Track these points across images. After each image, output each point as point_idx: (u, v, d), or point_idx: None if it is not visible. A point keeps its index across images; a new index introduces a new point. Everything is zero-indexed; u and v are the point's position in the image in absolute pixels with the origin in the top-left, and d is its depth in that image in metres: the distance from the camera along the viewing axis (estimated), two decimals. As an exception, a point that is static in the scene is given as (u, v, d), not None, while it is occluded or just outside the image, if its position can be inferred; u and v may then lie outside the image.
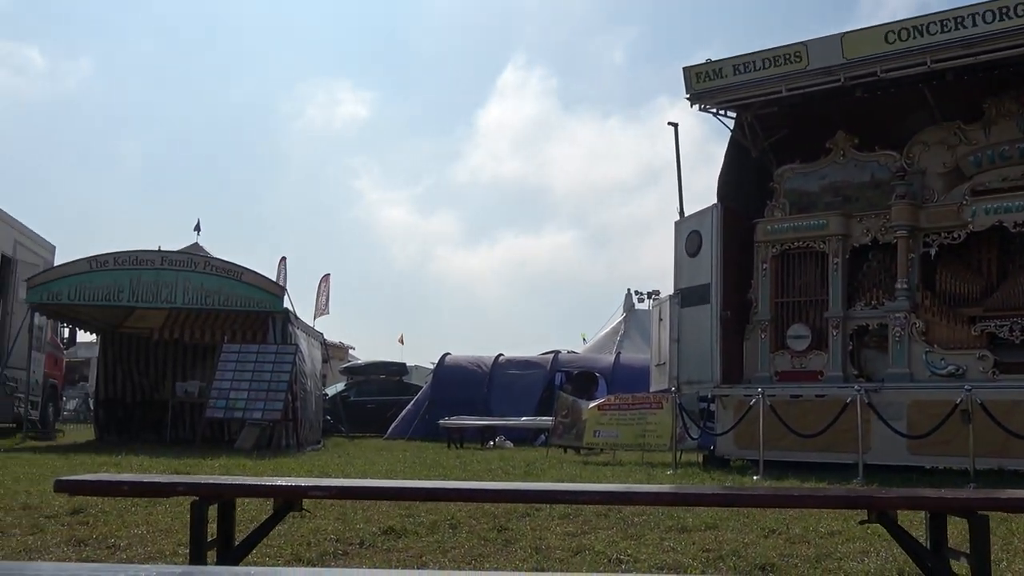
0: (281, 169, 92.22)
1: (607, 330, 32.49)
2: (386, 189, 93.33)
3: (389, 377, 29.06)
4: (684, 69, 14.70)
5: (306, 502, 4.77)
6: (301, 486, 3.82)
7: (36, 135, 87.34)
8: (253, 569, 1.60)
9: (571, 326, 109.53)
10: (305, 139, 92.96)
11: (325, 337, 24.15)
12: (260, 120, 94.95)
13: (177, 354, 21.85)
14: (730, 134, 15.51)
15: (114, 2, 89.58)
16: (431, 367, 27.11)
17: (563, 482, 9.97)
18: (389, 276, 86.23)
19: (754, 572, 5.51)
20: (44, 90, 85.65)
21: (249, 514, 6.45)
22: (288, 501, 3.82)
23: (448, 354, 25.31)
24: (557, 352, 25.95)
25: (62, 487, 3.84)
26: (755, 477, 12.21)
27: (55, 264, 20.18)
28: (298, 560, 5.65)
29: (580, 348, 31.45)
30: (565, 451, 17.04)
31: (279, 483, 3.88)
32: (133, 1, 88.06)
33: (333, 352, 29.64)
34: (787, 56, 13.83)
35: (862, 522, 4.79)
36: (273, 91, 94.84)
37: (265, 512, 6.87)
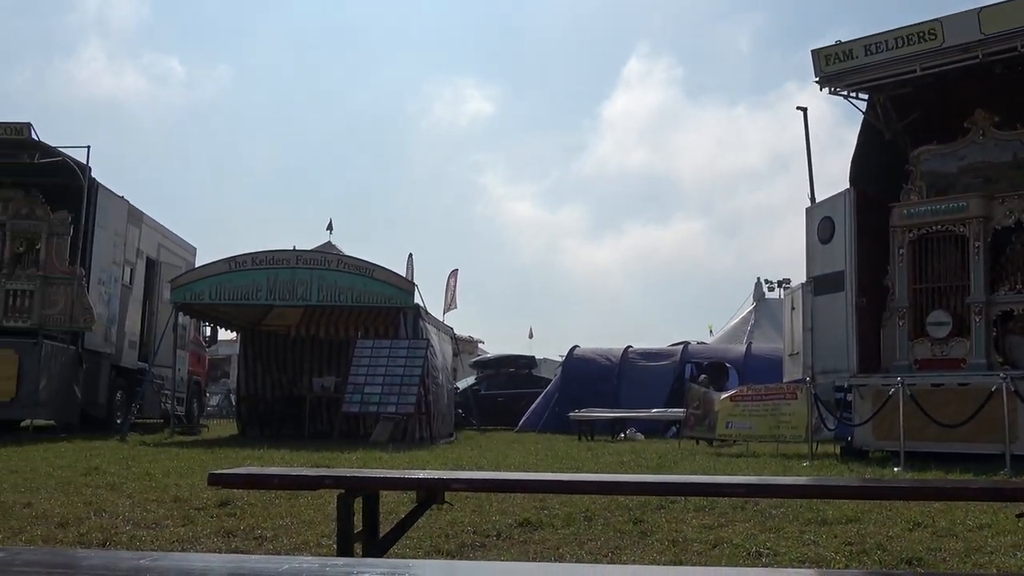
0: (408, 167, 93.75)
1: (736, 320, 32.02)
2: (512, 184, 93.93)
3: (518, 370, 29.23)
4: (813, 52, 14.35)
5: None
6: (444, 479, 3.87)
7: (177, 142, 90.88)
8: (413, 562, 1.63)
9: (699, 317, 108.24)
10: (431, 137, 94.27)
11: (455, 331, 24.44)
12: (388, 120, 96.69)
13: (313, 350, 22.41)
14: (862, 117, 15.08)
15: (249, 11, 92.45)
16: (560, 360, 27.18)
17: (697, 474, 9.86)
18: (516, 270, 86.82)
19: (900, 566, 5.36)
20: (184, 98, 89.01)
21: (386, 506, 6.58)
22: (431, 494, 3.88)
23: (576, 347, 25.31)
24: (686, 343, 25.69)
25: (215, 480, 3.99)
26: (895, 469, 11.86)
27: (196, 265, 20.93)
28: (437, 552, 5.73)
29: (708, 339, 31.08)
30: (697, 443, 16.87)
31: (422, 476, 3.95)
32: (267, 9, 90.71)
33: (463, 346, 29.99)
34: (921, 34, 13.37)
35: (1020, 515, 4.60)
36: (400, 91, 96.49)
37: (401, 504, 7.02)
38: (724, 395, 16.32)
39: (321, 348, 22.44)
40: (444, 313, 29.43)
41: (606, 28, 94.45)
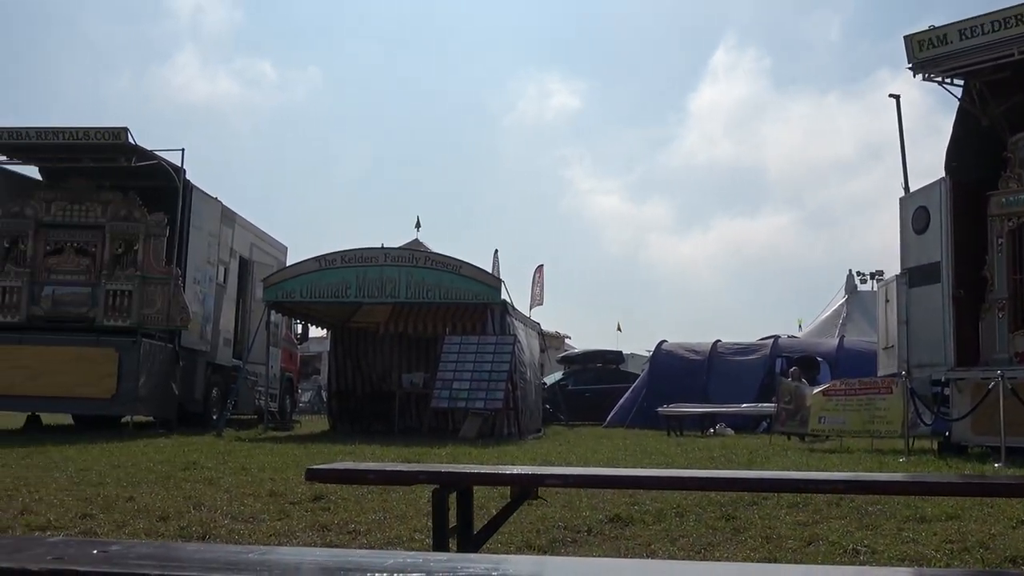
0: (494, 163, 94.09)
1: (828, 313, 31.48)
2: (598, 178, 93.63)
3: (606, 365, 29.16)
4: (905, 38, 14.02)
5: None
6: (537, 474, 3.89)
7: (269, 143, 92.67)
8: (519, 557, 1.64)
9: (788, 311, 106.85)
10: (517, 133, 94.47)
11: (542, 327, 24.47)
12: (473, 117, 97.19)
13: (402, 347, 22.64)
14: (957, 103, 14.68)
15: (339, 12, 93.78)
16: (648, 355, 27.03)
17: (790, 470, 9.73)
18: (602, 265, 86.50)
19: (1003, 565, 5.22)
20: (276, 100, 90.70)
21: (476, 501, 6.62)
22: (524, 489, 3.90)
23: (664, 341, 25.16)
24: (777, 337, 25.33)
25: (313, 475, 4.06)
26: (996, 465, 11.55)
27: (288, 264, 21.29)
28: (529, 547, 5.75)
29: (797, 333, 30.60)
30: (789, 438, 16.64)
31: (516, 472, 3.97)
32: (356, 10, 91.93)
33: (550, 341, 29.99)
34: (1019, 17, 12.96)
35: None
36: (485, 87, 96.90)
37: (491, 499, 7.06)
38: (816, 390, 16.06)
39: (409, 345, 22.65)
40: (531, 309, 29.49)
41: (692, 20, 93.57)
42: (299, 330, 24.82)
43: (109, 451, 12.21)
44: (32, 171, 19.15)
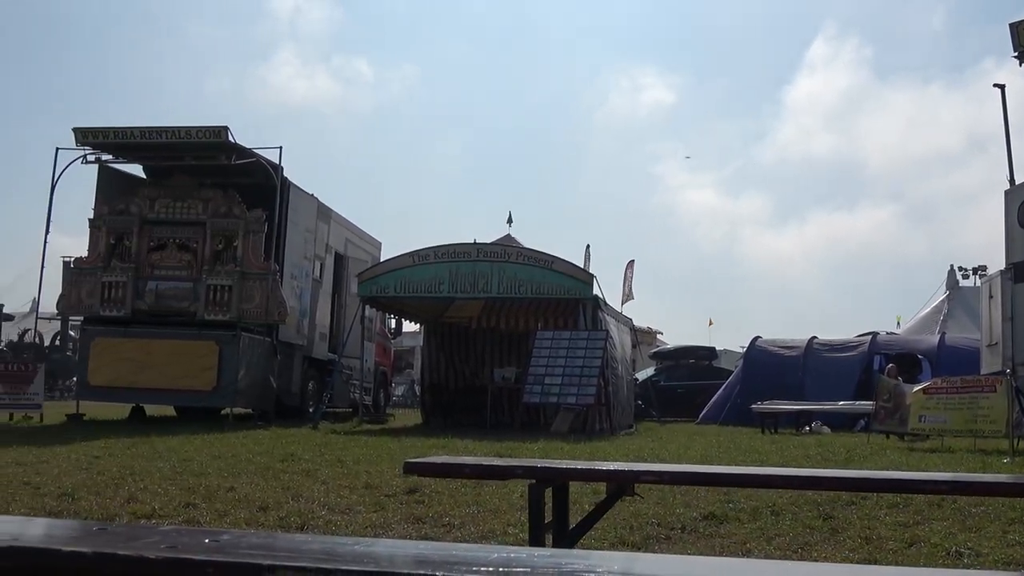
0: (585, 159, 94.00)
1: (928, 310, 30.71)
2: (691, 173, 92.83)
3: (699, 361, 28.89)
4: (1011, 26, 13.61)
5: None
6: (634, 471, 3.88)
7: (364, 140, 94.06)
8: (616, 553, 1.64)
9: (886, 307, 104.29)
10: (608, 128, 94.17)
11: (634, 322, 24.35)
12: (565, 112, 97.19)
13: (494, 341, 22.74)
14: (1067, 93, 14.19)
15: (433, 11, 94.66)
16: (741, 351, 26.70)
17: (890, 470, 9.52)
18: (695, 260, 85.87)
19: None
20: (371, 98, 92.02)
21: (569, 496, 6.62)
22: (620, 485, 3.89)
23: (759, 337, 24.82)
24: (875, 334, 24.80)
25: (411, 468, 4.11)
26: (1108, 467, 11.14)
27: (381, 259, 21.55)
28: (622, 543, 5.74)
29: (896, 330, 29.91)
30: (887, 437, 16.27)
31: (612, 468, 3.97)
32: (450, 8, 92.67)
33: (642, 337, 29.81)
34: None
35: None
36: (578, 82, 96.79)
37: (584, 495, 7.05)
38: (916, 388, 15.67)
39: (501, 339, 22.74)
40: (622, 304, 29.36)
41: (790, 10, 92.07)
42: (393, 325, 25.11)
43: (210, 442, 12.51)
44: (137, 169, 19.70)
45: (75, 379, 23.51)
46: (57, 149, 18.31)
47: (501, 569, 1.41)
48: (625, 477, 3.84)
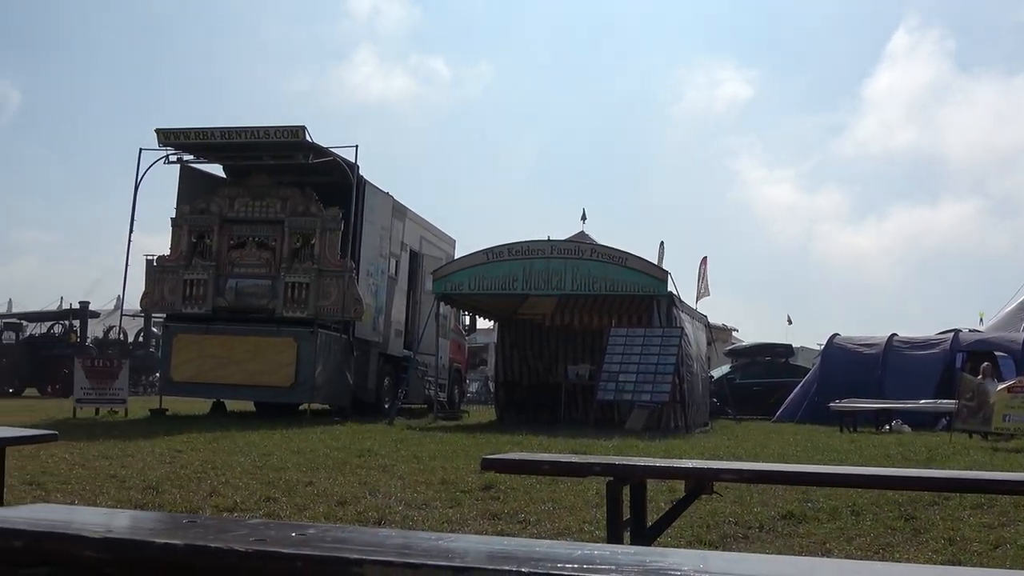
0: (660, 155, 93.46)
1: (1012, 306, 29.89)
2: (768, 168, 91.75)
3: (775, 359, 28.54)
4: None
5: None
6: (712, 469, 3.85)
7: (440, 139, 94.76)
8: (701, 552, 1.64)
9: (969, 303, 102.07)
10: (684, 123, 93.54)
11: (708, 319, 24.14)
12: (640, 108, 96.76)
13: (568, 338, 22.71)
14: None
15: (510, 9, 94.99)
16: (819, 348, 26.30)
17: (974, 470, 9.31)
18: (772, 256, 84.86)
19: None
20: (448, 97, 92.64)
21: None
22: (699, 484, 3.87)
23: (836, 335, 24.44)
24: (957, 331, 24.24)
25: (488, 465, 4.13)
26: None
27: (456, 257, 21.65)
28: (700, 542, 5.71)
29: (979, 327, 29.19)
30: (970, 436, 15.91)
31: (690, 465, 3.95)
32: (527, 6, 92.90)
33: (717, 334, 29.52)
34: None
35: None
36: (653, 78, 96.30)
37: (660, 492, 7.02)
38: (1001, 386, 15.29)
39: (575, 336, 22.70)
40: (696, 301, 29.12)
41: (870, 2, 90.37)
42: (467, 322, 25.22)
43: (289, 437, 12.70)
44: (217, 169, 20.05)
45: (158, 375, 24.08)
46: (141, 150, 18.71)
47: (585, 566, 1.42)
48: (704, 475, 3.82)
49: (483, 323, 26.11)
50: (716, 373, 26.33)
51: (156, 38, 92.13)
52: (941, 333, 24.27)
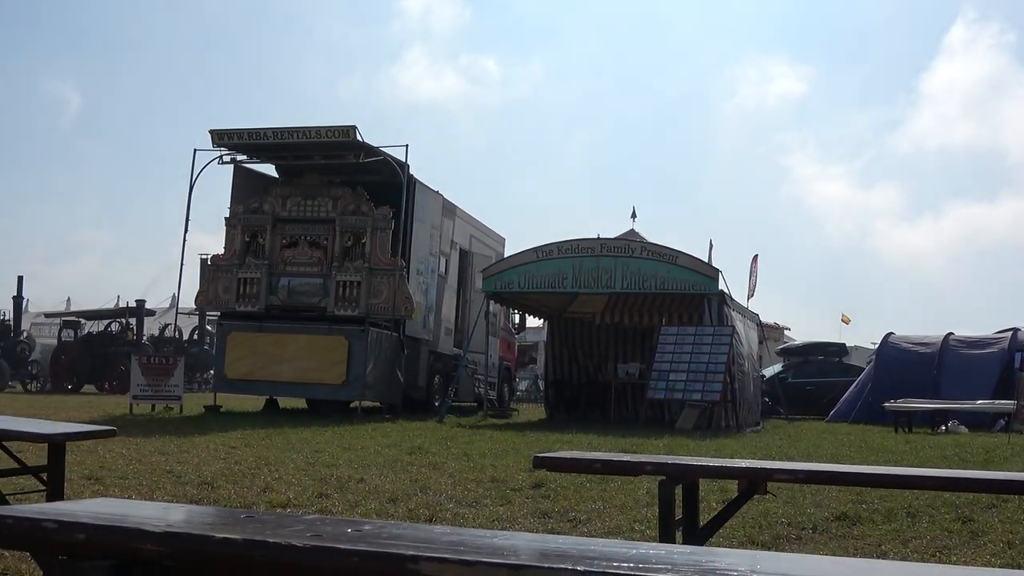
0: (711, 152, 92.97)
1: (1074, 305, 29.34)
2: (821, 164, 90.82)
3: (828, 358, 28.24)
4: None
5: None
6: (766, 468, 3.82)
7: (490, 138, 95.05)
8: (756, 552, 1.63)
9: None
10: (736, 120, 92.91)
11: (760, 318, 23.95)
12: (692, 105, 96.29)
13: (618, 337, 22.67)
14: None
15: (561, 8, 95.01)
16: (873, 348, 25.99)
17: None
18: (824, 254, 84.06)
19: None
20: (499, 96, 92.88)
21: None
22: (752, 483, 3.84)
23: (891, 334, 24.12)
24: (1016, 330, 23.81)
25: (540, 463, 4.14)
26: None
27: (505, 255, 21.69)
28: (752, 542, 5.66)
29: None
30: (1029, 438, 15.64)
31: (744, 465, 3.92)
32: (578, 5, 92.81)
33: (768, 333, 29.29)
34: None
35: None
36: (705, 75, 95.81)
37: (711, 492, 6.98)
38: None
39: (625, 335, 22.66)
40: (748, 299, 28.90)
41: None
42: (516, 320, 25.25)
43: (340, 434, 12.80)
44: (269, 169, 20.26)
45: (212, 372, 24.41)
46: (195, 150, 18.98)
47: (640, 565, 1.41)
48: (757, 475, 3.79)
49: (533, 321, 26.12)
50: (768, 372, 26.12)
51: (214, 40, 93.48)
52: (999, 332, 23.86)
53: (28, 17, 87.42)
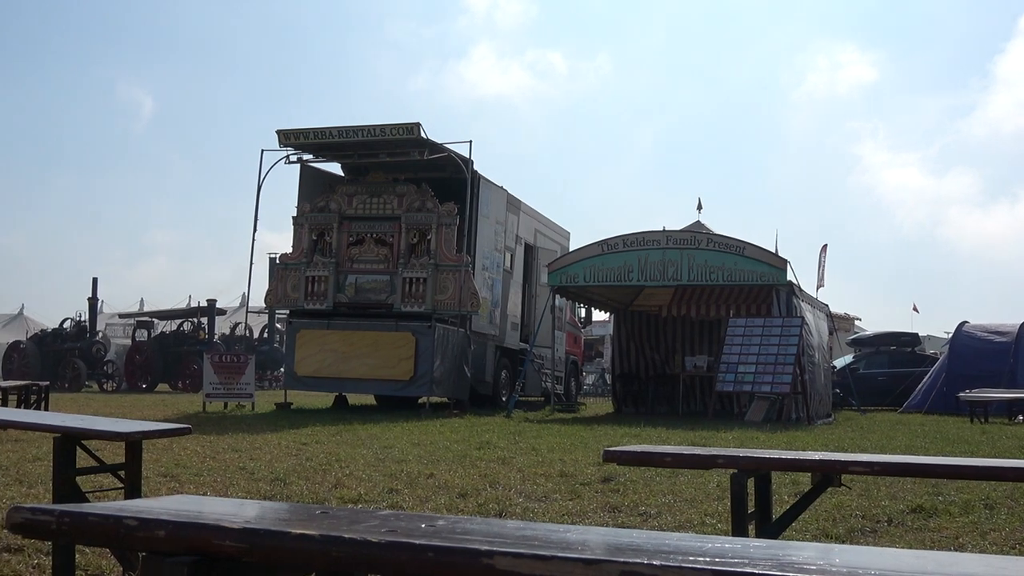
0: (778, 141, 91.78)
1: None
2: (892, 151, 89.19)
3: (900, 348, 27.77)
4: None
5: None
6: (841, 461, 3.77)
7: (556, 133, 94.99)
8: (841, 547, 1.61)
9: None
10: (805, 108, 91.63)
11: (830, 308, 23.62)
12: (759, 94, 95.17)
13: (685, 329, 22.54)
14: None
15: (627, 1, 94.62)
16: (946, 337, 25.50)
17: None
18: (896, 242, 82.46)
19: None
20: (564, 90, 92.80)
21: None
22: (827, 476, 3.79)
23: (965, 323, 23.64)
24: (1095, 317, 23.20)
25: (610, 457, 4.13)
26: None
27: (570, 249, 21.66)
28: (826, 536, 5.60)
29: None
30: (1112, 427, 15.23)
31: (818, 457, 3.87)
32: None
33: (839, 324, 28.89)
34: None
35: None
36: (773, 64, 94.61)
37: (783, 486, 6.90)
38: None
39: (692, 327, 22.53)
40: (817, 289, 28.52)
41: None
42: (582, 314, 25.22)
43: (409, 430, 12.90)
44: (335, 167, 20.46)
45: (282, 370, 24.73)
46: (262, 151, 19.25)
47: (717, 560, 1.40)
48: (832, 467, 3.73)
49: (599, 315, 26.06)
50: (839, 363, 25.78)
51: (284, 39, 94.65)
52: (1078, 319, 23.25)
53: (103, 23, 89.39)
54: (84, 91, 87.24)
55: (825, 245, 30.41)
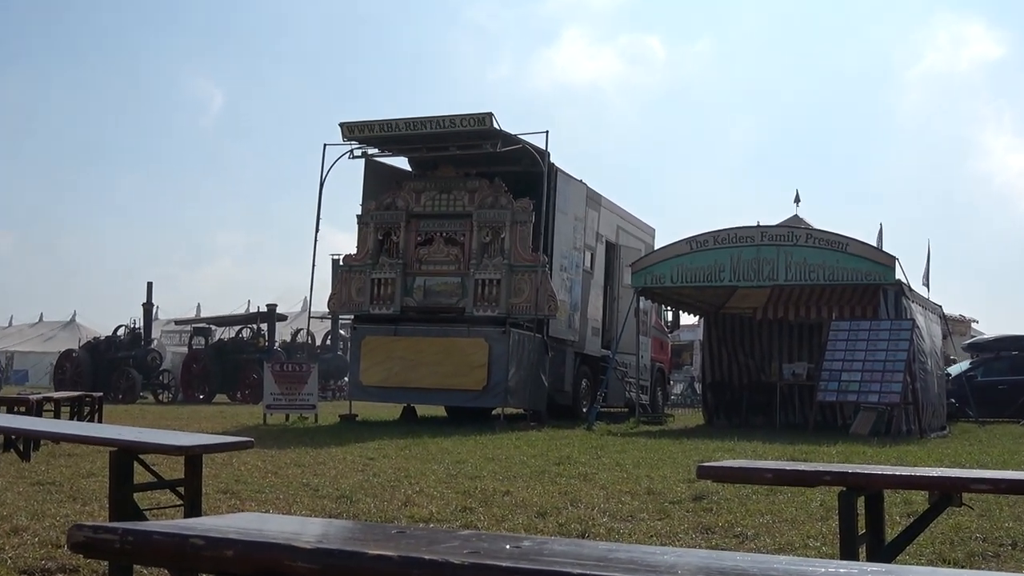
0: (886, 126, 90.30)
1: None
2: (1017, 135, 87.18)
3: (1022, 354, 27.12)
4: None
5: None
6: (962, 478, 3.69)
7: (647, 122, 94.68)
8: (964, 572, 1.57)
9: None
10: (919, 89, 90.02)
11: (943, 310, 23.17)
12: (870, 74, 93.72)
13: (782, 333, 22.26)
14: None
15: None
16: (1077, 340, 24.86)
17: None
18: (1017, 236, 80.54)
19: None
20: (661, 77, 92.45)
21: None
22: (946, 495, 3.71)
23: (1097, 324, 23.03)
24: None
25: (705, 473, 4.10)
26: None
27: (656, 247, 21.53)
28: (943, 560, 5.49)
29: None
30: None
31: (937, 474, 3.79)
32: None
33: (954, 327, 28.33)
34: None
35: None
36: (888, 40, 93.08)
37: (893, 506, 6.79)
38: None
39: (791, 331, 22.24)
40: (928, 289, 28.00)
41: None
42: (669, 317, 25.06)
43: (483, 444, 12.94)
44: (402, 162, 20.58)
45: (347, 379, 24.99)
46: (325, 145, 19.44)
47: (833, 586, 1.38)
48: (952, 485, 3.66)
49: (687, 319, 25.88)
50: (954, 370, 25.28)
51: (356, 27, 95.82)
52: None
53: (169, 16, 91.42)
54: (148, 85, 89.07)
55: (928, 240, 29.84)
